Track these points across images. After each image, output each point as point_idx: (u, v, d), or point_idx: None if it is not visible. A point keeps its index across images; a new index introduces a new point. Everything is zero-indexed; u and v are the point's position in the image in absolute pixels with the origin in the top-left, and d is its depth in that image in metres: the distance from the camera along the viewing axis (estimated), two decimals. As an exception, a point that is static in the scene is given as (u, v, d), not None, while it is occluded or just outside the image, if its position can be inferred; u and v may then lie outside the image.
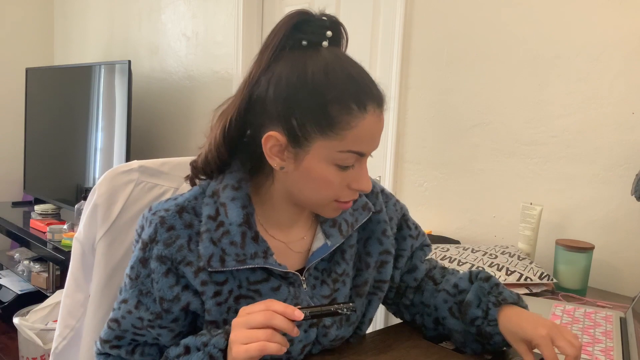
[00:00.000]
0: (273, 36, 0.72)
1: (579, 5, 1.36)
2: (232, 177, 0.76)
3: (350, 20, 1.94)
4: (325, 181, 0.72)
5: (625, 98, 1.30)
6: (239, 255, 0.73)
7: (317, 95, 0.69)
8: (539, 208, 1.35)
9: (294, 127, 0.70)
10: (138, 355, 0.78)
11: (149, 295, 0.74)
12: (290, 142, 0.71)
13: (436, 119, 1.67)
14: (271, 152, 0.72)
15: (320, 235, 0.82)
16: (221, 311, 0.74)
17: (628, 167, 1.30)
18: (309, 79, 0.69)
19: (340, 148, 0.70)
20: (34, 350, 2.15)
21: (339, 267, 0.83)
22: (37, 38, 3.51)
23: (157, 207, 0.76)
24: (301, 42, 0.72)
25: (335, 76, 0.70)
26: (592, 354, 0.87)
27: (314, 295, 0.80)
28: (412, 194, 1.76)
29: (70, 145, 2.82)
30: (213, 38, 2.45)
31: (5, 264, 2.88)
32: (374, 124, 0.71)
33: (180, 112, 2.68)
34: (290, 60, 0.71)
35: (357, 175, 0.74)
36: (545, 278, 1.21)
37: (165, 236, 0.73)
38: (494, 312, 0.81)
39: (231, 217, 0.73)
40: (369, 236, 0.87)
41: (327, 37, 0.73)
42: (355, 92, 0.70)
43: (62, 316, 0.98)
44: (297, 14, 0.72)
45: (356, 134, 0.70)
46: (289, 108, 0.70)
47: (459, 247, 1.38)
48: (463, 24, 1.60)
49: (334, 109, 0.69)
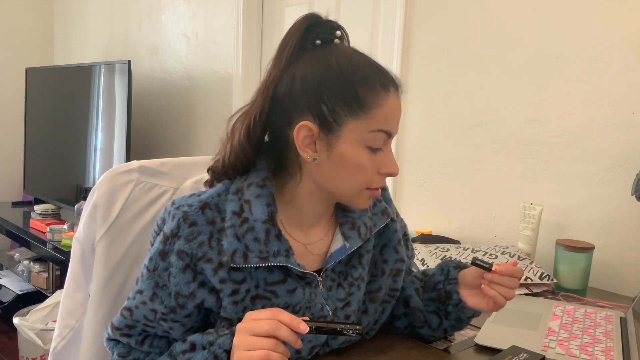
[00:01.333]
0: (288, 39, 0.76)
1: (579, 6, 1.36)
2: (257, 176, 0.78)
3: (350, 20, 1.94)
4: (358, 166, 0.75)
5: (625, 98, 1.30)
6: (262, 252, 0.74)
7: (345, 79, 0.73)
8: (539, 208, 1.35)
9: (324, 113, 0.73)
10: (147, 346, 0.79)
11: (164, 289, 0.75)
12: (322, 129, 0.74)
13: (436, 119, 1.67)
14: (303, 143, 0.74)
15: (339, 237, 0.83)
16: (237, 310, 0.75)
17: (628, 167, 1.30)
18: (335, 67, 0.74)
19: (370, 128, 0.74)
20: (34, 350, 2.15)
21: (356, 271, 0.83)
22: (37, 38, 3.51)
23: (181, 202, 0.77)
24: (315, 42, 0.76)
25: (359, 62, 0.75)
26: (592, 354, 0.87)
27: (329, 297, 0.81)
28: (412, 194, 1.76)
29: (70, 145, 2.82)
30: (213, 38, 2.45)
31: (5, 264, 2.88)
32: (396, 104, 0.76)
33: (180, 112, 2.68)
34: (311, 57, 0.75)
35: (386, 159, 0.77)
36: (545, 278, 1.21)
37: (187, 232, 0.73)
38: (454, 272, 0.88)
39: (256, 214, 0.75)
40: (385, 243, 0.89)
41: (337, 36, 0.78)
42: (377, 75, 0.75)
43: (61, 316, 0.98)
44: (308, 17, 0.77)
45: (383, 112, 0.74)
46: (318, 96, 0.73)
47: (459, 247, 1.38)
48: (463, 24, 1.60)
49: (362, 90, 0.73)
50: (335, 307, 0.81)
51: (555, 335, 0.94)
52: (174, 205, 0.77)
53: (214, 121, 2.48)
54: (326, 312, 0.79)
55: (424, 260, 1.28)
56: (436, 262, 1.27)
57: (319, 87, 0.73)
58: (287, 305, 0.76)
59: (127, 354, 0.80)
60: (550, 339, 0.92)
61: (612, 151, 1.33)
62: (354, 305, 0.83)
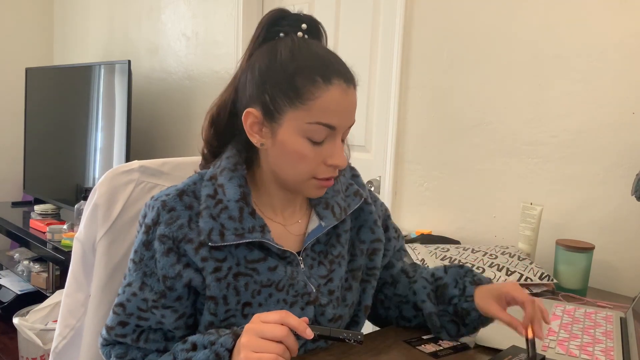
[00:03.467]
0: (255, 32, 0.80)
1: (579, 5, 1.36)
2: (228, 162, 0.81)
3: (350, 20, 1.95)
4: (299, 155, 0.76)
5: (625, 98, 1.30)
6: (237, 229, 0.76)
7: (284, 69, 0.75)
8: (539, 208, 1.35)
9: (267, 101, 0.76)
10: (142, 342, 0.79)
11: (152, 276, 0.77)
12: (264, 116, 0.77)
13: (436, 119, 1.67)
14: (252, 129, 0.78)
15: (315, 217, 0.86)
16: (220, 287, 0.77)
17: (628, 167, 1.30)
18: (278, 57, 0.76)
19: (308, 119, 0.75)
20: (34, 350, 2.15)
21: (335, 249, 0.86)
22: (37, 38, 3.51)
23: (159, 195, 0.80)
24: (278, 34, 0.79)
25: (301, 53, 0.76)
26: (592, 354, 0.87)
27: (311, 275, 0.83)
28: (412, 194, 1.76)
29: (70, 145, 2.82)
30: (213, 38, 2.45)
31: (5, 264, 2.88)
32: (339, 96, 0.75)
33: (180, 112, 2.68)
34: (266, 48, 0.78)
35: (331, 151, 0.78)
36: (545, 278, 1.21)
37: (166, 217, 0.77)
38: (471, 289, 0.87)
39: (229, 195, 0.78)
40: (361, 225, 0.91)
41: (302, 29, 0.79)
42: (319, 66, 0.75)
43: (62, 315, 0.98)
44: (276, 11, 0.80)
45: (321, 105, 0.74)
46: (261, 86, 0.76)
47: (459, 247, 1.38)
48: (463, 24, 1.60)
49: (299, 80, 0.74)
50: (318, 284, 0.83)
51: (555, 335, 0.94)
52: (152, 198, 0.80)
53: (214, 121, 2.47)
54: (309, 289, 0.82)
55: (423, 260, 1.28)
56: (436, 262, 1.27)
57: (263, 76, 0.76)
58: (270, 282, 0.79)
59: (125, 354, 0.80)
60: (550, 339, 0.92)
61: (612, 151, 1.33)
62: (336, 281, 0.85)
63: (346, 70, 0.77)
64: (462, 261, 1.27)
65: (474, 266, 1.24)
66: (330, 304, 0.84)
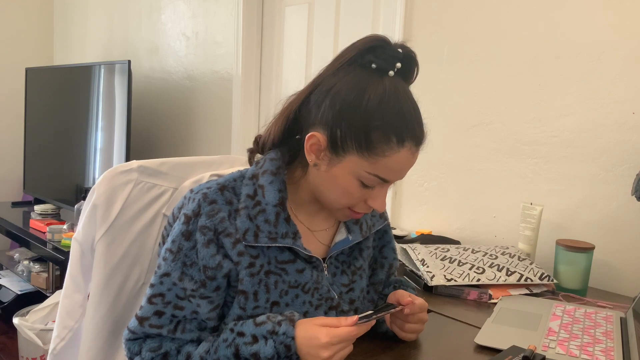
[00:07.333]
0: (347, 50, 0.79)
1: (579, 6, 1.36)
2: (271, 164, 0.82)
3: (350, 20, 1.94)
4: (346, 191, 0.79)
5: (625, 98, 1.30)
6: (271, 233, 0.79)
7: (366, 118, 0.74)
8: (539, 208, 1.35)
9: (337, 136, 0.76)
10: (180, 332, 0.79)
11: (193, 266, 0.78)
12: (329, 147, 0.77)
13: (436, 119, 1.67)
14: (310, 149, 0.79)
15: (343, 230, 0.90)
16: (253, 282, 0.79)
17: (628, 167, 1.30)
18: (364, 102, 0.74)
19: (368, 169, 0.76)
20: (34, 350, 2.15)
21: (357, 262, 0.90)
22: (37, 38, 3.51)
23: (199, 187, 0.82)
24: (370, 65, 0.77)
25: (388, 107, 0.75)
26: (592, 354, 0.87)
27: (334, 282, 0.87)
28: (412, 193, 1.75)
29: (70, 145, 2.81)
30: (213, 38, 2.45)
31: (5, 264, 2.88)
32: (405, 159, 0.77)
33: (180, 112, 2.67)
34: (354, 77, 0.76)
35: (376, 196, 0.81)
36: (545, 278, 1.21)
37: (207, 209, 0.78)
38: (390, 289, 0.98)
39: (268, 198, 0.80)
40: (384, 245, 0.98)
41: (395, 67, 0.78)
42: (399, 126, 0.75)
43: (60, 317, 0.97)
44: (376, 38, 0.78)
45: (387, 163, 0.76)
46: (338, 119, 0.75)
47: (459, 247, 1.38)
48: (463, 24, 1.60)
49: (376, 135, 0.74)
50: (340, 292, 0.87)
51: (555, 336, 0.94)
52: (192, 192, 0.82)
53: (213, 121, 2.48)
54: (332, 294, 0.85)
55: (424, 260, 1.28)
56: (436, 262, 1.26)
57: (343, 112, 0.75)
58: (297, 283, 0.82)
59: (159, 347, 0.79)
60: (550, 339, 0.92)
61: (612, 151, 1.32)
62: (357, 291, 0.89)
63: (421, 131, 0.78)
64: (462, 261, 1.27)
65: (474, 266, 1.24)
66: (350, 312, 0.88)
